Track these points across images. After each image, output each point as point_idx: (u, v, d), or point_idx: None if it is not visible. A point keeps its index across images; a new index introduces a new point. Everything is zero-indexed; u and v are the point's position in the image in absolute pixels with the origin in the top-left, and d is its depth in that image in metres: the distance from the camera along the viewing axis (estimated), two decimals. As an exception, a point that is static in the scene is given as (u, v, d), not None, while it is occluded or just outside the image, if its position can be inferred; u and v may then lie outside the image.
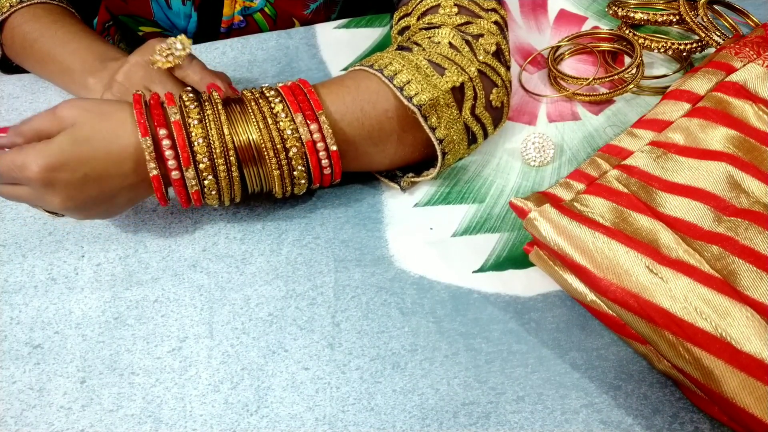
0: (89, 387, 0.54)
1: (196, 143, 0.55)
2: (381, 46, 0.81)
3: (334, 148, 0.57)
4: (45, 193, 0.54)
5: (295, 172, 0.58)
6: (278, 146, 0.56)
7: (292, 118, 0.56)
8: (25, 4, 0.74)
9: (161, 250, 0.62)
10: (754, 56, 0.64)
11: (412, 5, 0.66)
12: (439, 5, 0.64)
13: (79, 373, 0.55)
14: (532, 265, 0.59)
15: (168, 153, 0.54)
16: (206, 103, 0.57)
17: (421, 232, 0.63)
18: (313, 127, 0.57)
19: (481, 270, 0.60)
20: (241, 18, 0.85)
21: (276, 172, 0.57)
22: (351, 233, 0.63)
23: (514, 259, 0.60)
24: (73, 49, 0.71)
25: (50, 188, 0.54)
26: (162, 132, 0.54)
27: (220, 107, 0.56)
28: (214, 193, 0.57)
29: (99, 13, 0.88)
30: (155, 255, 0.62)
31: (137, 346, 0.56)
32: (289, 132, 0.56)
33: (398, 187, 0.65)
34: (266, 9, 0.84)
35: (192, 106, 0.56)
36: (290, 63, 0.78)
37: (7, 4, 0.74)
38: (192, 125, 0.55)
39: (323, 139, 0.57)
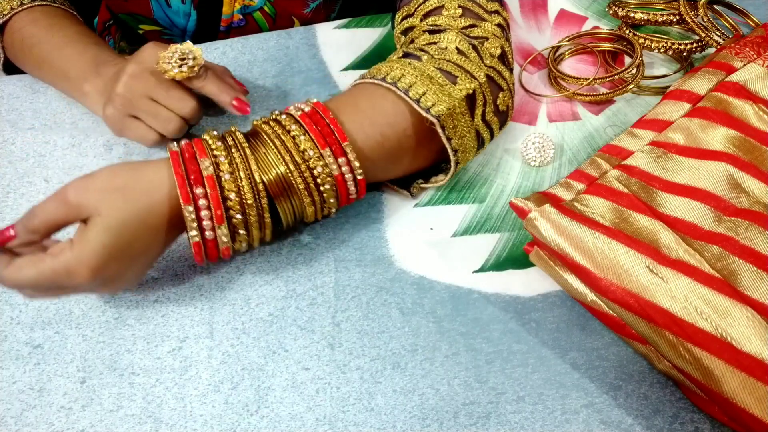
0: (89, 387, 0.54)
1: (228, 198, 0.53)
2: (381, 46, 0.80)
3: (361, 177, 0.57)
4: (98, 288, 0.53)
5: (326, 204, 0.57)
6: (311, 185, 0.55)
7: (321, 155, 0.55)
8: (25, 6, 0.74)
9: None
10: (755, 56, 0.64)
11: (414, 5, 0.66)
12: (442, 6, 0.64)
13: (79, 373, 0.55)
14: (532, 265, 0.59)
15: (204, 213, 0.52)
16: (233, 149, 0.54)
17: (421, 232, 0.63)
18: (342, 160, 0.55)
19: (482, 270, 0.60)
20: (241, 17, 0.85)
21: (310, 209, 0.57)
22: (351, 233, 0.63)
23: (515, 259, 0.60)
24: (68, 54, 0.71)
25: (103, 283, 0.52)
26: (198, 191, 0.52)
27: (248, 152, 0.54)
28: (244, 244, 0.56)
29: (99, 12, 0.88)
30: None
31: (137, 346, 0.56)
32: (319, 170, 0.55)
33: (408, 193, 0.65)
34: (266, 8, 0.84)
35: (221, 156, 0.53)
36: (290, 63, 0.78)
37: (8, 7, 0.74)
38: (224, 179, 0.53)
39: (351, 171, 0.56)
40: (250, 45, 0.80)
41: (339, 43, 0.81)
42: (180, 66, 0.64)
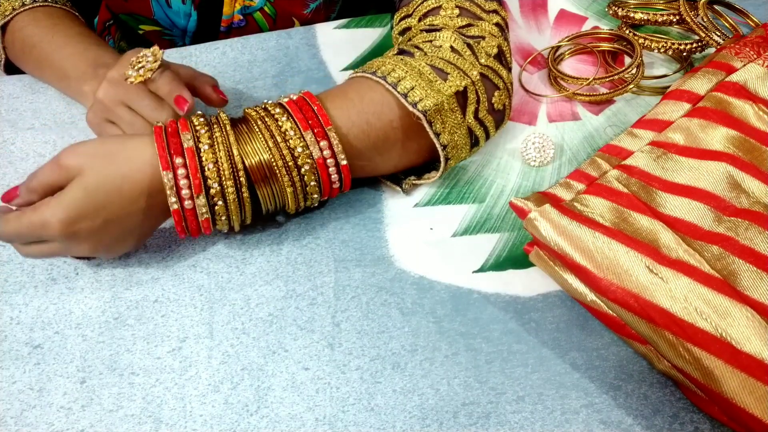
0: (89, 387, 0.54)
1: (206, 168, 0.54)
2: (381, 46, 0.80)
3: (344, 162, 0.57)
4: (71, 245, 0.55)
5: (307, 188, 0.58)
6: (290, 164, 0.56)
7: (302, 135, 0.56)
8: (27, 7, 0.74)
9: (161, 251, 0.62)
10: (755, 56, 0.64)
11: (413, 6, 0.66)
12: (440, 7, 0.64)
13: (79, 373, 0.55)
14: (532, 265, 0.59)
15: (183, 182, 0.54)
16: (215, 126, 0.56)
17: (421, 232, 0.63)
18: (323, 144, 0.57)
19: (481, 270, 0.60)
20: (241, 17, 0.85)
21: (289, 189, 0.57)
22: (351, 233, 0.63)
23: (514, 259, 0.60)
24: (67, 54, 0.71)
25: (75, 239, 0.55)
26: (178, 161, 0.54)
27: (228, 128, 0.56)
28: (224, 218, 0.57)
29: (100, 12, 0.88)
30: (155, 255, 0.62)
31: (137, 346, 0.56)
32: (299, 150, 0.56)
33: (400, 189, 0.65)
34: (266, 8, 0.84)
35: (203, 131, 0.56)
36: (290, 63, 0.78)
37: (10, 7, 0.74)
38: (203, 150, 0.55)
39: (333, 155, 0.57)
40: (250, 45, 0.80)
41: (339, 43, 0.81)
42: (138, 70, 0.64)
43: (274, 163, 0.56)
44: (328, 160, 0.57)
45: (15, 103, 0.75)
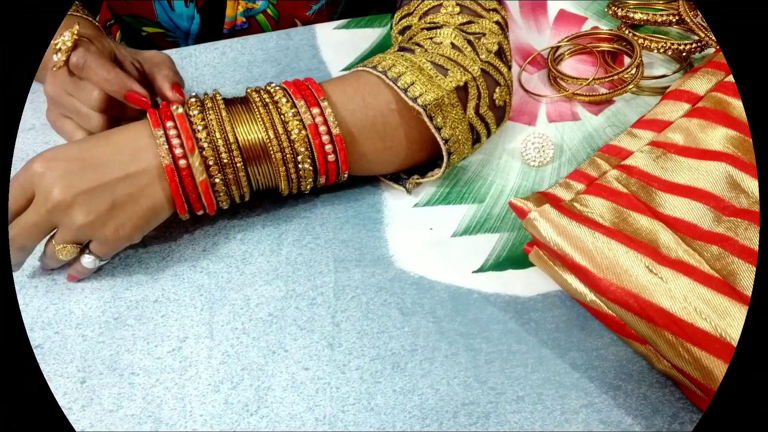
0: (89, 387, 0.54)
1: (197, 131, 0.55)
2: (381, 46, 0.81)
3: (337, 131, 0.58)
4: (66, 210, 0.54)
5: (299, 157, 0.58)
6: (279, 129, 0.57)
7: (294, 103, 0.57)
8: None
9: (161, 250, 0.62)
10: (754, 56, 0.64)
11: (414, 5, 0.67)
12: (440, 5, 0.65)
13: (79, 374, 0.55)
14: (531, 265, 0.59)
15: (175, 141, 0.55)
16: (207, 99, 0.58)
17: (421, 232, 0.63)
18: (315, 111, 0.57)
19: (481, 270, 0.60)
20: (244, 19, 0.85)
21: (278, 155, 0.57)
22: (351, 233, 0.63)
23: (514, 259, 0.60)
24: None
25: (56, 189, 0.53)
26: (169, 123, 0.55)
27: (219, 98, 0.58)
28: (222, 185, 0.57)
29: (101, 12, 0.88)
30: (155, 255, 0.62)
31: (137, 347, 0.56)
32: (290, 115, 0.57)
33: (403, 189, 0.65)
34: (269, 10, 0.84)
35: (193, 101, 0.57)
36: (290, 63, 0.78)
37: None
38: (193, 115, 0.56)
39: (325, 122, 0.57)
40: (250, 45, 0.80)
41: (339, 43, 0.81)
42: (57, 53, 0.60)
43: (266, 133, 0.57)
44: (321, 128, 0.57)
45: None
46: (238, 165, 0.57)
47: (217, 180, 0.57)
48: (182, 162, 0.55)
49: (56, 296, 0.59)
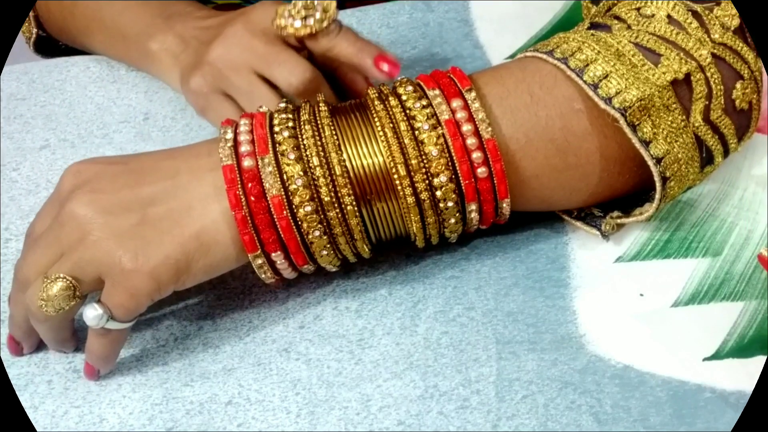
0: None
1: (285, 155, 0.45)
2: (566, 21, 0.69)
3: (490, 134, 0.46)
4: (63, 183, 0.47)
5: (435, 179, 0.45)
6: (406, 141, 0.45)
7: (429, 101, 0.46)
8: None
9: (237, 327, 0.52)
10: None
11: None
12: None
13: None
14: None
15: (243, 138, 0.46)
16: (305, 109, 0.47)
17: (626, 299, 0.51)
18: (456, 104, 0.46)
19: (717, 356, 0.49)
20: None
21: (405, 181, 0.45)
22: (521, 302, 0.51)
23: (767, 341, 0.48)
24: (122, 7, 0.63)
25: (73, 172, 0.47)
26: (243, 149, 0.46)
27: (323, 106, 0.47)
28: (323, 238, 0.45)
29: None
30: (228, 333, 0.51)
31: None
32: (422, 118, 0.46)
33: (598, 232, 0.53)
34: None
35: (283, 109, 0.47)
36: (430, 47, 0.67)
37: None
38: (280, 132, 0.46)
39: (471, 119, 0.46)
40: (370, 19, 0.69)
41: (503, 17, 0.69)
42: (304, 19, 0.56)
43: (387, 152, 0.45)
44: (463, 127, 0.45)
45: (20, 108, 0.67)
46: (348, 207, 0.45)
47: (316, 232, 0.45)
48: (248, 162, 0.45)
49: (80, 395, 0.50)
